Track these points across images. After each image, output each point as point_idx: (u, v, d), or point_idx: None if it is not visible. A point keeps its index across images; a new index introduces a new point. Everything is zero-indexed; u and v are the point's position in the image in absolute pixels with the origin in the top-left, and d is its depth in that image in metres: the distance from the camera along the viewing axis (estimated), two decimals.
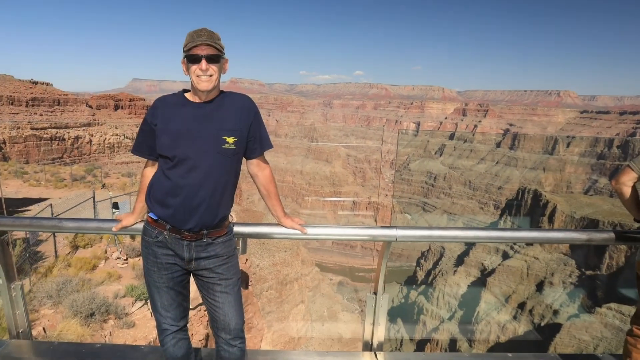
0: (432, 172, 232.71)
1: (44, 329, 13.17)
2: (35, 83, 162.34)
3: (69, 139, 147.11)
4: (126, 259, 21.96)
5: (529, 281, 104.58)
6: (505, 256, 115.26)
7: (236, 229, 4.94)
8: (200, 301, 4.78)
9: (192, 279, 4.80)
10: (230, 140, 4.33)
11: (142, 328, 15.13)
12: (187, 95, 4.47)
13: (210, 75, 4.25)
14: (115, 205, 25.00)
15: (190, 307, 5.11)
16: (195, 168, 4.25)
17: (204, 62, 4.20)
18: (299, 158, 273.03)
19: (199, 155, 4.25)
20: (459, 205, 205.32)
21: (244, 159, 4.67)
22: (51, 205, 27.19)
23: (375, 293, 5.62)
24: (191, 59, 4.23)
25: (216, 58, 4.27)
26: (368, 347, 5.86)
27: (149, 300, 6.12)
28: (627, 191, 4.88)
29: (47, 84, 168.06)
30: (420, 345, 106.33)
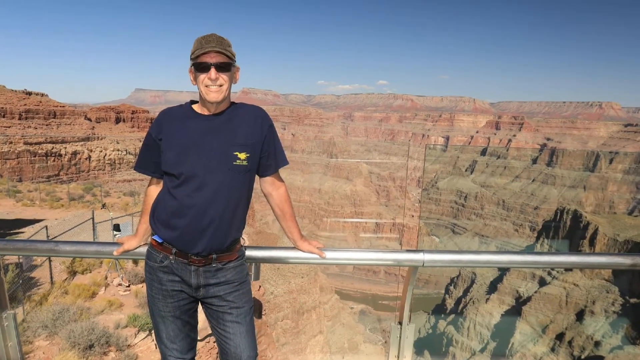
0: (462, 191, 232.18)
1: None
2: (29, 93, 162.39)
3: (65, 154, 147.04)
4: (128, 286, 21.93)
5: (568, 310, 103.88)
6: (542, 283, 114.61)
7: (248, 252, 4.90)
8: (209, 332, 4.76)
9: (200, 308, 4.76)
10: (242, 156, 4.28)
11: None
12: (194, 107, 4.44)
13: (220, 85, 4.20)
14: (117, 227, 24.97)
15: (198, 338, 5.08)
16: (203, 186, 4.21)
17: (213, 71, 4.15)
18: (317, 175, 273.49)
19: (207, 173, 4.20)
20: (492, 227, 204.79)
21: (256, 177, 4.64)
22: (46, 227, 27.18)
23: (400, 323, 5.56)
24: (199, 67, 4.19)
25: (227, 66, 4.22)
26: None
27: (153, 331, 6.12)
28: None
29: (42, 95, 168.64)
30: None
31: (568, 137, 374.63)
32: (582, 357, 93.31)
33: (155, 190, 4.67)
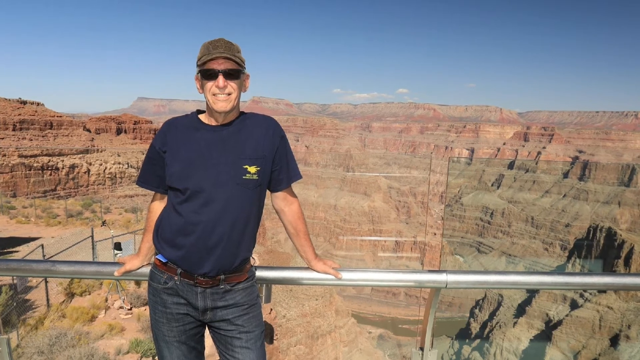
0: (488, 207, 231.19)
1: None
2: (24, 103, 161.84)
3: (63, 168, 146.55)
4: (130, 309, 21.96)
5: (602, 335, 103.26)
6: (574, 305, 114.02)
7: (259, 273, 4.88)
8: (217, 358, 4.72)
9: (207, 332, 4.73)
10: (252, 169, 4.26)
11: None
12: (201, 117, 4.43)
13: (229, 94, 4.19)
14: (118, 246, 24.97)
15: None
16: (210, 202, 4.18)
17: (221, 78, 4.14)
18: (333, 190, 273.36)
19: (215, 187, 4.18)
20: (520, 245, 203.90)
21: (268, 192, 4.62)
22: (42, 245, 27.21)
23: (421, 348, 5.52)
24: (206, 74, 4.17)
25: (236, 73, 4.21)
26: None
27: (157, 357, 6.12)
28: None
29: (38, 104, 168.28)
30: None
31: (602, 149, 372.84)
32: None
33: (159, 206, 4.65)
